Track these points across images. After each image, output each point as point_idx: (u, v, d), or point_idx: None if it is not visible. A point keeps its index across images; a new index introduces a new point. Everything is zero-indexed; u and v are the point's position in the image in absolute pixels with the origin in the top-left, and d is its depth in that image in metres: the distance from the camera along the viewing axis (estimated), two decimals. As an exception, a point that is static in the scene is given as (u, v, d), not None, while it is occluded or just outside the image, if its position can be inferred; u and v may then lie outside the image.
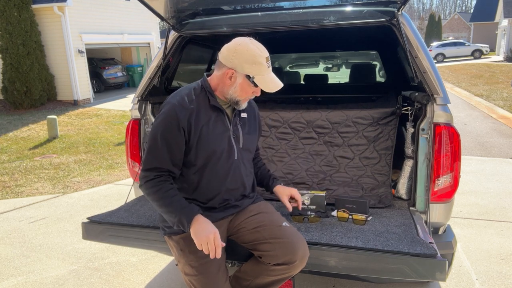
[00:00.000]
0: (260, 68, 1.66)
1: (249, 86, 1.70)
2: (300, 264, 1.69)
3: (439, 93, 2.14)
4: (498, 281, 2.79)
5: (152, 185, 1.69)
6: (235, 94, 1.72)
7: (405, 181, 2.38)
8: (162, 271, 3.06)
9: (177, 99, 1.71)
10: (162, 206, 1.67)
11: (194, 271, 1.70)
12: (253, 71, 1.66)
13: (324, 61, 6.34)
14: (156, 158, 1.69)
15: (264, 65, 1.66)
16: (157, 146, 1.69)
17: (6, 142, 8.39)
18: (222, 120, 1.77)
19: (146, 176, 1.70)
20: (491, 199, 4.36)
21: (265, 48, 1.70)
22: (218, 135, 1.75)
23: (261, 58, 1.65)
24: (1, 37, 11.85)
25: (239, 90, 1.71)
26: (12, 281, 2.99)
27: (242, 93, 1.72)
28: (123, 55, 19.41)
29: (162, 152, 1.69)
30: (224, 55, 1.68)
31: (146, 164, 1.72)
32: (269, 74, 1.70)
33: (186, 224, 1.62)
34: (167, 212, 1.67)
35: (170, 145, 1.68)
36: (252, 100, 1.96)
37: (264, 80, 1.68)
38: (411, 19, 2.38)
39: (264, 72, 1.67)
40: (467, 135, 7.58)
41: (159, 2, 2.37)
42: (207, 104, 1.74)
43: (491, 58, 27.92)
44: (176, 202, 1.66)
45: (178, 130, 1.67)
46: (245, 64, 1.65)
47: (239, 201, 1.86)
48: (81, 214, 4.30)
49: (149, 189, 1.69)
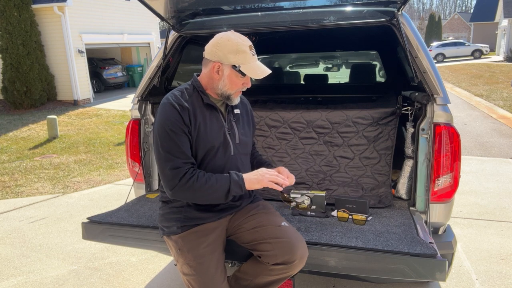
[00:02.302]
0: (245, 57, 1.67)
1: (237, 77, 1.70)
2: (299, 263, 1.69)
3: (439, 93, 2.14)
4: (498, 281, 2.79)
5: (189, 177, 1.65)
6: (225, 88, 1.73)
7: (405, 181, 2.38)
8: (162, 271, 3.06)
9: (173, 99, 1.72)
10: (210, 188, 1.66)
11: (192, 270, 1.70)
12: (238, 60, 1.67)
13: (324, 61, 6.34)
14: (176, 154, 1.66)
15: (248, 53, 1.67)
16: (173, 142, 1.66)
17: (6, 142, 8.39)
18: (217, 117, 1.78)
19: (177, 173, 1.65)
20: (491, 199, 4.36)
21: (247, 38, 1.71)
22: (214, 132, 1.75)
23: (244, 47, 1.67)
24: (1, 37, 11.85)
25: (228, 83, 1.71)
26: (12, 281, 2.99)
27: (232, 86, 1.72)
28: (123, 55, 19.41)
29: (180, 146, 1.67)
30: (208, 50, 1.71)
31: (169, 163, 1.65)
32: (254, 62, 1.70)
33: (242, 184, 1.69)
34: (217, 190, 1.67)
35: (183, 139, 1.68)
36: (243, 96, 1.97)
37: (251, 68, 1.68)
38: (411, 19, 2.38)
39: (249, 60, 1.68)
40: (467, 135, 7.58)
41: (159, 2, 2.37)
42: (200, 103, 1.76)
43: (491, 58, 27.93)
44: (220, 178, 1.69)
45: (184, 125, 1.68)
46: (229, 54, 1.66)
47: (237, 201, 1.86)
48: (81, 214, 4.30)
49: (188, 182, 1.64)
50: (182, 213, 1.79)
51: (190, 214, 1.78)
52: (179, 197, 1.70)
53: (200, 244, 1.72)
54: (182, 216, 1.78)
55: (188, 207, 1.79)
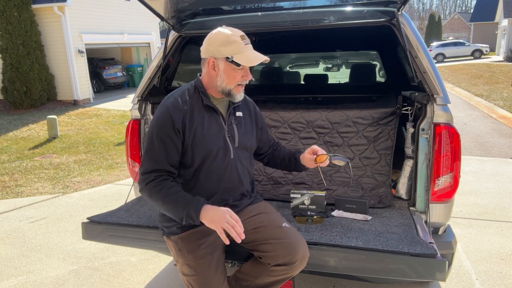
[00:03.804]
0: (237, 47, 1.65)
1: (233, 69, 1.68)
2: (300, 264, 1.68)
3: (439, 93, 2.14)
4: (498, 281, 2.79)
5: (154, 185, 1.68)
6: (224, 83, 1.71)
7: (405, 181, 2.38)
8: (162, 271, 3.06)
9: (171, 100, 1.73)
10: (167, 204, 1.65)
11: (192, 271, 1.70)
12: (230, 51, 1.65)
13: (324, 61, 6.35)
14: (153, 159, 1.69)
15: (240, 42, 1.66)
16: (154, 148, 1.69)
17: (6, 142, 8.39)
18: (216, 120, 1.78)
19: (146, 178, 1.69)
20: (491, 199, 4.36)
21: (239, 30, 1.71)
22: (213, 135, 1.75)
23: (234, 37, 1.66)
24: (1, 37, 11.85)
25: (225, 77, 1.70)
26: (12, 281, 2.99)
27: (230, 80, 1.70)
28: (123, 55, 19.41)
29: (159, 153, 1.69)
30: (202, 49, 1.73)
31: (144, 166, 1.71)
32: (248, 50, 1.67)
33: (195, 216, 1.60)
34: (173, 209, 1.64)
35: (167, 146, 1.69)
36: (247, 97, 1.96)
37: (245, 57, 1.66)
38: (411, 19, 2.38)
39: (242, 49, 1.66)
40: (467, 135, 7.58)
41: (159, 2, 2.37)
42: (200, 104, 1.75)
43: (491, 58, 27.93)
44: (181, 198, 1.65)
45: (173, 131, 1.68)
46: (220, 47, 1.66)
47: (238, 201, 1.86)
48: (81, 214, 4.30)
49: (151, 190, 1.68)
50: (182, 213, 1.78)
51: (190, 214, 1.78)
52: (145, 198, 1.74)
53: (200, 244, 1.72)
54: (181, 216, 1.78)
55: (188, 207, 1.79)
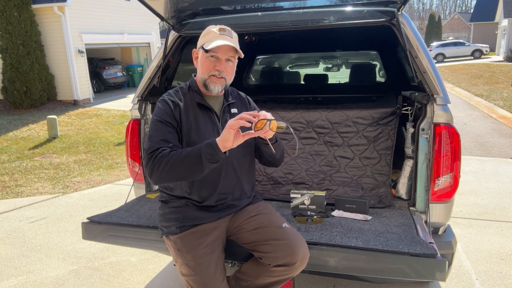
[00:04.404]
0: (211, 36, 1.71)
1: (206, 57, 1.73)
2: (300, 265, 1.68)
3: (439, 93, 2.14)
4: (498, 281, 2.79)
5: (163, 154, 1.61)
6: (201, 73, 1.77)
7: (405, 181, 2.38)
8: (162, 271, 3.06)
9: (167, 96, 1.81)
10: (184, 160, 1.58)
11: (191, 271, 1.70)
12: (204, 40, 1.74)
13: (324, 61, 6.35)
14: (157, 140, 1.67)
15: (215, 32, 1.71)
16: (157, 130, 1.70)
17: (6, 142, 8.39)
18: (210, 117, 1.80)
19: (152, 154, 1.63)
20: (491, 199, 4.36)
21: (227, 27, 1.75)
22: (206, 132, 1.76)
23: (213, 28, 1.72)
24: (1, 37, 11.85)
25: (201, 66, 1.76)
26: (12, 281, 2.99)
27: (204, 69, 1.75)
28: (123, 55, 19.41)
29: (164, 133, 1.69)
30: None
31: (149, 148, 1.66)
32: (217, 39, 1.69)
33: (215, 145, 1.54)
34: (186, 159, 1.58)
35: (168, 128, 1.71)
36: (243, 94, 1.99)
37: (213, 43, 1.67)
38: (411, 19, 2.38)
39: (214, 38, 1.70)
40: (467, 135, 7.58)
41: (159, 2, 2.37)
42: (194, 102, 1.79)
43: (491, 58, 27.92)
44: (190, 150, 1.60)
45: (172, 118, 1.73)
46: (200, 39, 1.77)
47: (236, 200, 1.86)
48: (81, 214, 4.30)
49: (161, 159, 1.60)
50: (181, 213, 1.79)
51: (189, 214, 1.78)
52: (159, 180, 1.64)
53: (199, 244, 1.72)
54: (181, 216, 1.78)
55: (187, 207, 1.79)
